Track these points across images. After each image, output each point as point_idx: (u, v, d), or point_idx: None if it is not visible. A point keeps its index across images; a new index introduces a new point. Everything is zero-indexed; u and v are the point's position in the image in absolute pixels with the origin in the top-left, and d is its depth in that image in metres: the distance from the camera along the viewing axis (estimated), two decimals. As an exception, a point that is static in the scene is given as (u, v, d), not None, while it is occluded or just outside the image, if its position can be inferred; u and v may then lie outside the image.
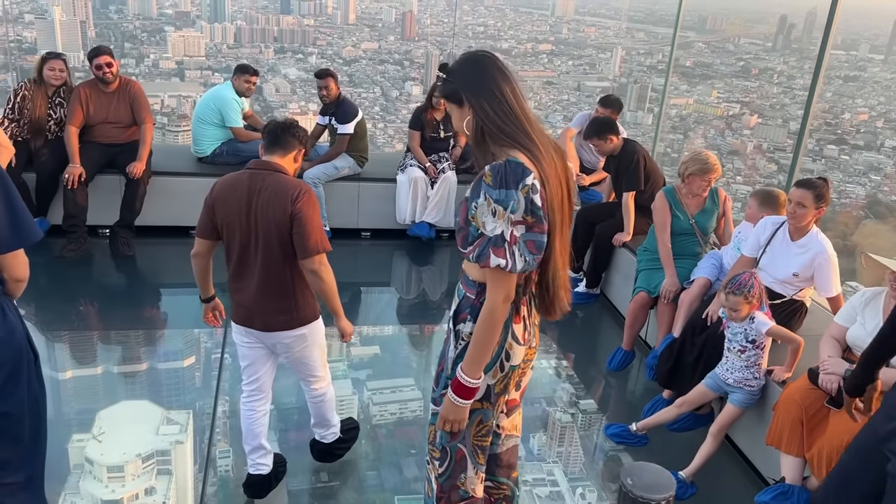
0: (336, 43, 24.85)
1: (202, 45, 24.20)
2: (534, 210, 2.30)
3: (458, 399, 2.49)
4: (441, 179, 7.21)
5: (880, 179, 16.35)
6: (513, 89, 2.40)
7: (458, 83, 2.45)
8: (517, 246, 2.30)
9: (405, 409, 4.82)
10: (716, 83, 21.09)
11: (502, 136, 2.37)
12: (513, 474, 2.91)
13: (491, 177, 2.30)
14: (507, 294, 2.37)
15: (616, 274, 6.46)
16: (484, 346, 2.42)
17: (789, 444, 3.90)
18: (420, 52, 24.61)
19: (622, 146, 6.18)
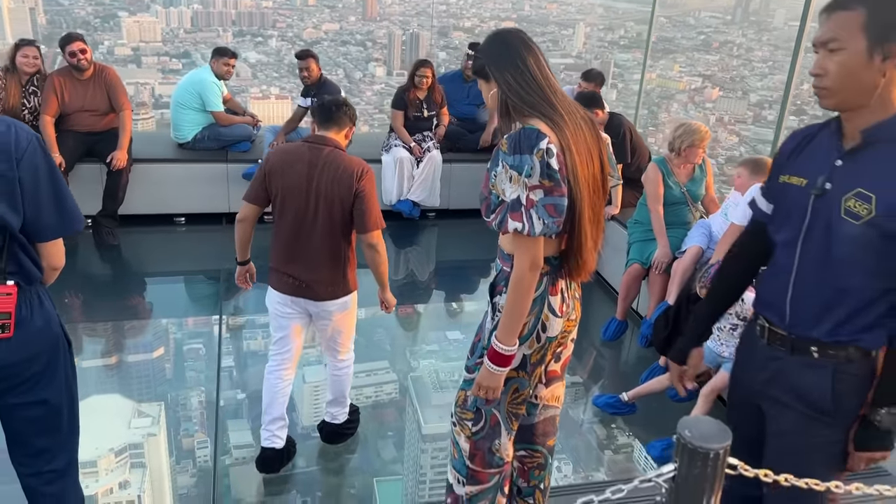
0: (296, 25, 24.60)
1: (158, 31, 23.82)
2: (550, 174, 2.32)
3: (493, 367, 2.51)
4: (426, 158, 7.19)
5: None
6: (537, 61, 2.44)
7: (484, 59, 2.50)
8: (535, 209, 2.33)
9: (381, 392, 4.80)
10: (678, 57, 21.22)
11: (524, 106, 2.41)
12: (549, 442, 2.93)
13: (507, 144, 2.35)
14: (533, 261, 2.39)
15: (605, 247, 6.38)
16: (516, 314, 2.44)
17: None
18: (382, 32, 24.44)
19: (608, 120, 6.22)
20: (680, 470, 1.65)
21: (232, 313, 5.79)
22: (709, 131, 5.31)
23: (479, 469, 2.74)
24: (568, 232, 2.45)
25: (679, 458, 1.65)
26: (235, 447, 4.20)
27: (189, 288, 6.50)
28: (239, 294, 6.18)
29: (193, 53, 22.66)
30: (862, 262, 2.00)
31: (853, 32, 1.93)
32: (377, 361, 5.16)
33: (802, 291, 2.14)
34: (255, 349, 5.27)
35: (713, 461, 1.62)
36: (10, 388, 2.43)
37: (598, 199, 2.52)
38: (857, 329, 2.06)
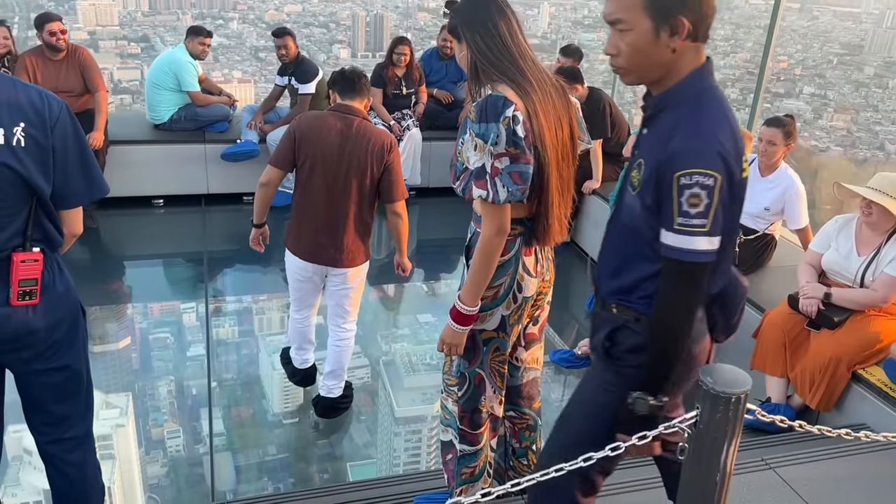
0: (258, 7, 24.31)
1: (115, 14, 23.40)
2: (516, 141, 2.35)
3: (456, 325, 2.58)
4: (406, 137, 7.18)
5: (800, 125, 16.89)
6: (509, 26, 2.46)
7: (457, 19, 2.51)
8: (500, 177, 2.36)
9: (353, 377, 4.69)
10: (641, 36, 21.37)
11: (493, 70, 2.43)
12: (534, 405, 2.98)
13: (475, 112, 2.37)
14: (499, 227, 2.43)
15: (586, 221, 6.58)
16: (481, 277, 2.50)
17: (773, 366, 4.14)
18: (346, 13, 24.24)
19: (588, 95, 6.28)
20: (702, 415, 1.72)
21: (213, 296, 5.75)
22: None
23: (468, 430, 2.80)
24: (536, 197, 2.49)
25: (701, 404, 1.72)
26: (209, 435, 4.19)
27: (170, 271, 6.45)
28: (221, 276, 6.19)
29: (152, 37, 22.33)
30: (640, 231, 2.04)
31: (637, 13, 1.93)
32: None
33: (602, 255, 2.23)
34: (241, 334, 5.26)
35: (734, 405, 1.69)
36: (37, 354, 2.44)
37: (566, 166, 2.56)
38: (640, 297, 2.10)
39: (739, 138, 1.98)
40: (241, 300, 5.68)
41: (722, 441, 1.72)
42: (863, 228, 4.01)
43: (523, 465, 3.03)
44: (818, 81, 18.01)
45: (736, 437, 1.73)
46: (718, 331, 2.24)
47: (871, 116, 16.61)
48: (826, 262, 4.15)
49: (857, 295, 3.95)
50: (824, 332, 3.99)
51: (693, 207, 1.87)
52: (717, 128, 1.93)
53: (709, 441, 1.72)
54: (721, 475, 1.74)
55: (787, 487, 3.12)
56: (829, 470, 3.25)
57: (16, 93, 2.23)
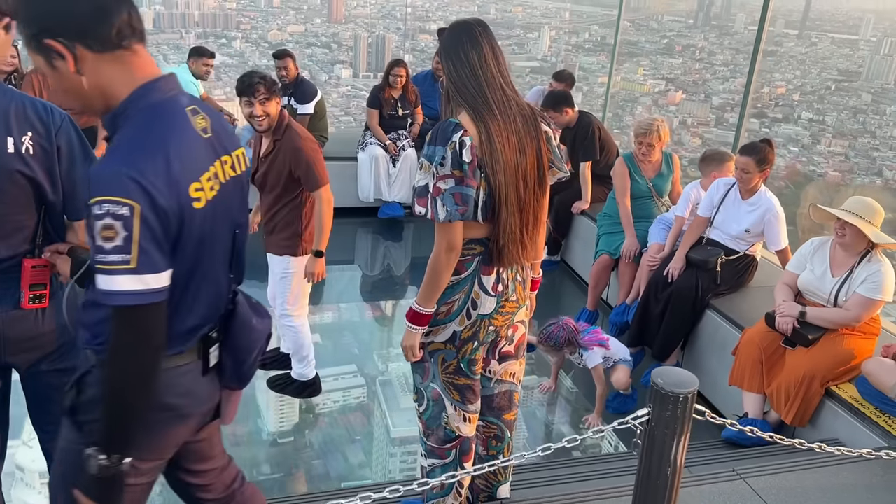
0: (261, 27, 24.53)
1: (119, 32, 23.59)
2: (461, 164, 2.44)
3: (410, 325, 2.71)
4: (402, 157, 7.35)
5: (798, 150, 17.02)
6: (480, 56, 2.53)
7: (440, 46, 2.66)
8: (441, 197, 2.45)
9: (348, 397, 4.80)
10: (641, 60, 21.51)
11: (459, 96, 2.53)
12: (504, 416, 3.03)
13: (429, 135, 2.51)
14: (448, 243, 2.53)
15: (576, 241, 6.73)
16: (431, 289, 2.61)
17: (750, 382, 4.26)
18: (348, 34, 24.45)
19: (577, 118, 6.44)
20: (653, 413, 1.86)
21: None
22: (655, 127, 5.50)
23: (435, 446, 2.89)
24: (492, 220, 2.58)
25: (652, 403, 1.85)
26: None
27: None
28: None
29: (156, 55, 22.46)
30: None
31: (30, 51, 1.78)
32: (345, 366, 5.16)
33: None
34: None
35: (682, 404, 1.83)
36: (45, 355, 2.54)
37: (529, 192, 2.62)
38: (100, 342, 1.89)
39: (191, 162, 1.81)
40: None
41: (672, 437, 1.85)
42: (837, 250, 4.15)
43: (490, 472, 3.09)
44: (816, 107, 18.16)
45: (685, 433, 1.86)
46: (227, 377, 2.11)
47: (868, 142, 16.73)
48: (802, 283, 4.28)
49: (831, 314, 4.09)
50: (799, 349, 4.12)
51: (108, 241, 1.66)
52: (143, 151, 1.73)
53: (660, 437, 1.86)
54: (672, 469, 1.87)
55: (757, 497, 3.24)
56: (798, 481, 3.37)
57: (22, 105, 2.34)
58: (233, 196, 2.02)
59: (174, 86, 1.89)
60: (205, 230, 1.86)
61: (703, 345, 4.89)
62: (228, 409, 2.21)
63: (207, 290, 1.95)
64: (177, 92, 1.89)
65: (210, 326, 2.02)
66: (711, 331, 4.81)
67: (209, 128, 1.92)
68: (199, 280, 1.90)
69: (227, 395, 2.18)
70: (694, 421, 4.62)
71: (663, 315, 4.86)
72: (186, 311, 1.90)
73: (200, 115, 1.91)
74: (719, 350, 4.68)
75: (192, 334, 1.96)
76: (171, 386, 1.91)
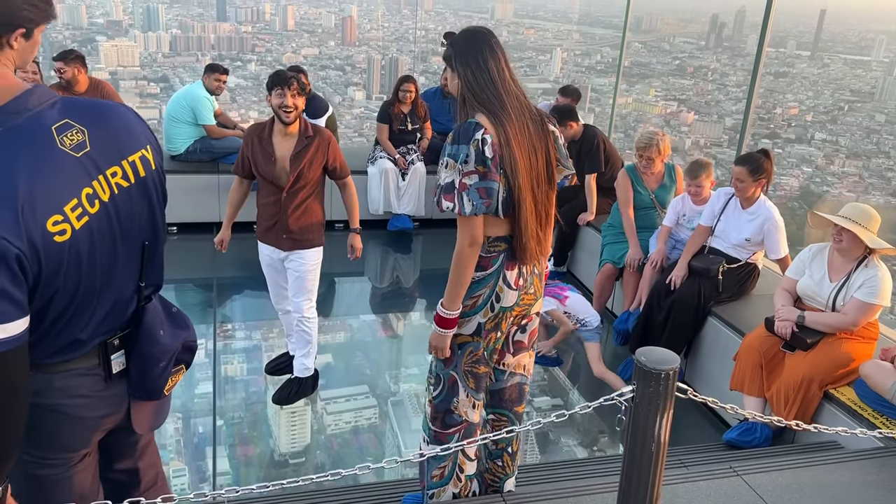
0: (275, 49, 24.80)
1: (136, 55, 23.85)
2: (484, 160, 2.59)
3: (439, 329, 2.82)
4: (411, 171, 7.48)
5: (812, 171, 17.04)
6: (497, 64, 2.69)
7: (453, 51, 2.75)
8: (466, 192, 2.60)
9: (360, 417, 4.76)
10: (653, 82, 21.62)
11: (476, 101, 2.67)
12: (516, 408, 3.14)
13: (451, 136, 2.63)
14: (471, 238, 2.66)
15: (581, 252, 6.82)
16: (456, 284, 2.72)
17: (751, 386, 4.32)
18: (361, 56, 24.68)
19: (582, 131, 6.55)
20: (637, 390, 1.94)
21: (221, 321, 5.92)
22: (655, 141, 5.61)
23: (439, 430, 2.99)
24: (511, 218, 2.72)
25: (636, 380, 1.94)
26: (212, 474, 4.20)
27: (181, 296, 6.60)
28: (230, 301, 6.39)
29: (172, 78, 22.79)
30: None
31: None
32: (356, 386, 5.12)
33: None
34: (249, 372, 5.24)
35: (664, 380, 1.91)
36: None
37: (541, 191, 2.78)
38: None
39: (50, 194, 1.71)
40: (251, 337, 5.71)
41: (655, 413, 1.93)
42: (834, 256, 4.22)
43: (498, 466, 3.18)
44: (829, 128, 18.19)
45: (668, 409, 1.94)
46: (134, 385, 2.10)
47: (882, 162, 16.74)
48: (801, 288, 4.35)
49: (829, 318, 4.15)
50: (798, 353, 4.18)
51: None
52: None
53: (643, 413, 1.94)
54: (656, 445, 1.95)
55: (753, 493, 3.29)
56: (793, 478, 3.41)
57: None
58: (135, 204, 1.95)
59: (37, 101, 1.79)
60: (81, 256, 1.80)
61: (706, 351, 4.95)
62: (138, 418, 2.16)
63: (98, 306, 1.92)
64: (42, 107, 1.78)
65: (110, 335, 2.00)
66: (713, 337, 4.87)
67: (87, 141, 1.83)
68: (81, 300, 1.85)
69: (138, 405, 2.15)
70: (694, 424, 4.71)
71: (666, 322, 4.93)
72: (66, 328, 1.87)
73: (74, 128, 1.81)
74: (721, 356, 4.75)
75: (79, 345, 1.93)
76: (62, 388, 1.93)
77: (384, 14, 26.94)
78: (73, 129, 1.79)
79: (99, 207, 1.83)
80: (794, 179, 16.54)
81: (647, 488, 2.06)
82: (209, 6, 26.57)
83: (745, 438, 4.18)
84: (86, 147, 1.80)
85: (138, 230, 1.97)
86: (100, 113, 1.90)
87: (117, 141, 1.90)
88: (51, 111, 1.78)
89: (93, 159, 1.82)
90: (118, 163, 1.88)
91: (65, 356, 1.92)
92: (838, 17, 22.18)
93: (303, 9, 27.11)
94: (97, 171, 1.82)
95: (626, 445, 2.01)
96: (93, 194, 1.81)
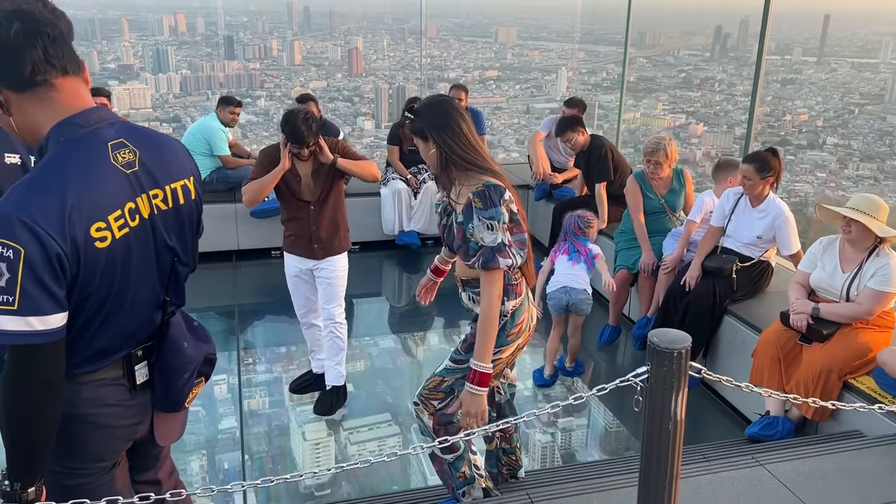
0: (284, 84, 24.99)
1: (148, 97, 24.09)
2: (513, 217, 2.87)
3: (477, 388, 2.92)
4: (423, 189, 7.58)
5: (826, 176, 17.00)
6: (468, 125, 2.94)
7: (423, 122, 2.94)
8: (513, 248, 2.85)
9: (384, 446, 4.78)
10: (660, 96, 21.63)
11: (463, 162, 2.88)
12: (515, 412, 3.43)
13: (480, 202, 2.81)
14: (499, 290, 2.89)
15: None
16: (489, 337, 2.91)
17: (770, 380, 4.36)
18: (369, 87, 24.84)
19: (591, 141, 6.64)
20: (651, 370, 2.00)
21: (244, 347, 5.98)
22: (663, 146, 5.70)
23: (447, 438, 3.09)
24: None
25: (650, 361, 2.00)
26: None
27: (203, 324, 6.65)
28: (252, 328, 6.47)
29: (183, 117, 22.99)
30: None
31: None
32: (379, 415, 5.14)
33: None
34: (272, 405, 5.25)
35: (677, 359, 1.97)
36: None
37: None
38: None
39: (97, 202, 1.84)
40: (272, 369, 5.70)
41: (671, 391, 1.99)
42: (845, 247, 4.26)
43: (513, 460, 3.57)
44: (841, 132, 18.15)
45: (682, 388, 1.99)
46: (158, 397, 2.18)
47: (896, 164, 16.67)
48: (814, 281, 4.39)
49: (844, 309, 4.18)
50: (815, 345, 4.21)
51: None
52: (40, 194, 1.77)
53: (658, 393, 1.99)
54: (673, 424, 2.00)
55: (776, 481, 3.32)
56: (816, 465, 3.44)
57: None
58: (170, 226, 2.07)
59: (98, 119, 1.93)
60: (116, 264, 1.91)
61: (724, 349, 4.98)
62: (161, 430, 2.24)
63: (126, 316, 2.01)
64: (102, 125, 1.93)
65: (135, 346, 2.09)
66: (730, 335, 4.91)
67: (137, 161, 1.96)
68: (112, 307, 1.94)
69: (160, 417, 2.23)
70: (715, 422, 4.72)
71: (683, 323, 4.97)
72: (97, 335, 1.96)
73: (127, 148, 1.95)
74: (739, 353, 4.78)
75: (106, 355, 2.02)
76: (91, 399, 2.02)
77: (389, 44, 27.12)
78: (126, 149, 1.95)
79: (139, 222, 1.97)
80: (809, 185, 16.50)
81: (667, 469, 2.10)
82: (217, 45, 26.82)
83: (767, 432, 4.21)
84: (134, 166, 1.95)
85: (170, 251, 2.10)
86: (153, 140, 2.06)
87: (164, 167, 2.05)
88: (109, 129, 1.94)
89: (139, 178, 1.97)
90: (161, 186, 2.04)
91: (92, 366, 2.01)
92: (842, 21, 22.15)
93: (309, 43, 27.33)
94: (141, 189, 1.97)
95: (644, 426, 2.07)
96: (135, 209, 1.95)
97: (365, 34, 26.83)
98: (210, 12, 26.36)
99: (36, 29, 1.81)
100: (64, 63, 1.87)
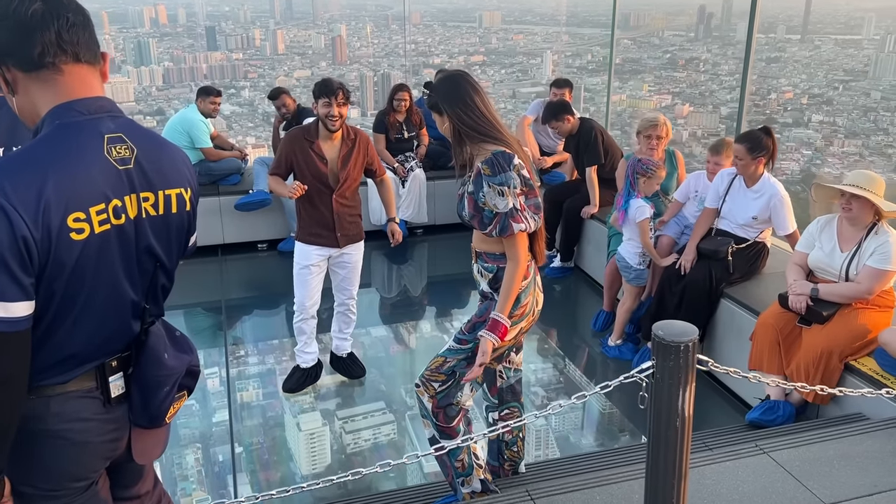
0: (268, 74, 24.83)
1: (130, 90, 23.91)
2: (525, 182, 2.89)
3: (499, 339, 2.95)
4: (411, 178, 7.46)
5: (812, 153, 16.99)
6: (482, 99, 2.97)
7: (438, 97, 3.01)
8: (526, 212, 2.87)
9: (379, 434, 4.73)
10: (645, 77, 21.59)
11: (476, 134, 2.92)
12: (520, 398, 3.41)
13: (488, 168, 2.84)
14: (525, 252, 2.95)
15: (587, 245, 6.77)
16: (512, 293, 2.96)
17: (770, 364, 4.28)
18: (354, 74, 24.70)
19: (579, 125, 6.52)
20: (657, 365, 1.90)
21: (233, 343, 5.87)
22: (662, 121, 5.67)
23: (444, 425, 3.17)
24: None
25: (655, 355, 1.89)
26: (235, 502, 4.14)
27: (190, 321, 6.51)
28: (240, 323, 6.35)
29: (167, 110, 22.85)
30: None
31: None
32: (373, 403, 5.10)
33: None
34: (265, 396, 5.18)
35: (684, 353, 1.87)
36: None
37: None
38: None
39: (79, 190, 1.75)
40: (264, 361, 5.63)
41: (677, 386, 1.89)
42: (844, 225, 4.18)
43: (514, 452, 3.48)
44: (826, 109, 18.14)
45: (690, 382, 1.89)
46: (136, 412, 2.03)
47: (882, 140, 16.67)
48: (812, 261, 4.30)
49: (843, 288, 4.10)
50: (815, 326, 4.13)
51: None
52: (18, 174, 1.69)
53: (665, 388, 1.89)
54: (681, 421, 1.90)
55: (781, 469, 3.24)
56: (821, 452, 3.36)
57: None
58: (157, 234, 1.96)
59: (100, 109, 1.86)
60: (91, 260, 1.80)
61: (721, 333, 4.90)
62: (139, 447, 2.10)
63: (99, 320, 1.89)
64: (103, 116, 1.85)
65: (109, 355, 1.96)
66: (728, 319, 4.83)
67: (133, 160, 1.87)
68: (83, 308, 1.84)
69: (138, 434, 2.08)
70: (715, 407, 4.65)
71: (679, 307, 4.88)
72: (66, 338, 1.85)
73: (125, 144, 1.86)
74: (737, 337, 4.70)
75: (76, 363, 1.89)
76: (60, 413, 1.88)
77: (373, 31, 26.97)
78: (124, 145, 1.86)
79: (124, 221, 1.87)
80: (795, 163, 16.48)
81: (675, 468, 2.01)
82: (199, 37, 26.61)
83: (768, 417, 4.13)
84: (129, 164, 1.86)
85: (153, 258, 1.99)
86: (154, 142, 1.97)
87: (161, 171, 1.95)
88: (110, 122, 1.86)
89: (132, 177, 1.87)
90: (154, 190, 1.94)
91: (61, 376, 1.88)
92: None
93: (292, 32, 27.16)
94: (132, 188, 1.87)
95: (650, 424, 1.97)
96: (121, 207, 1.85)
97: (348, 21, 26.65)
98: (191, 2, 26.16)
99: (56, 11, 1.77)
100: (77, 49, 1.81)
